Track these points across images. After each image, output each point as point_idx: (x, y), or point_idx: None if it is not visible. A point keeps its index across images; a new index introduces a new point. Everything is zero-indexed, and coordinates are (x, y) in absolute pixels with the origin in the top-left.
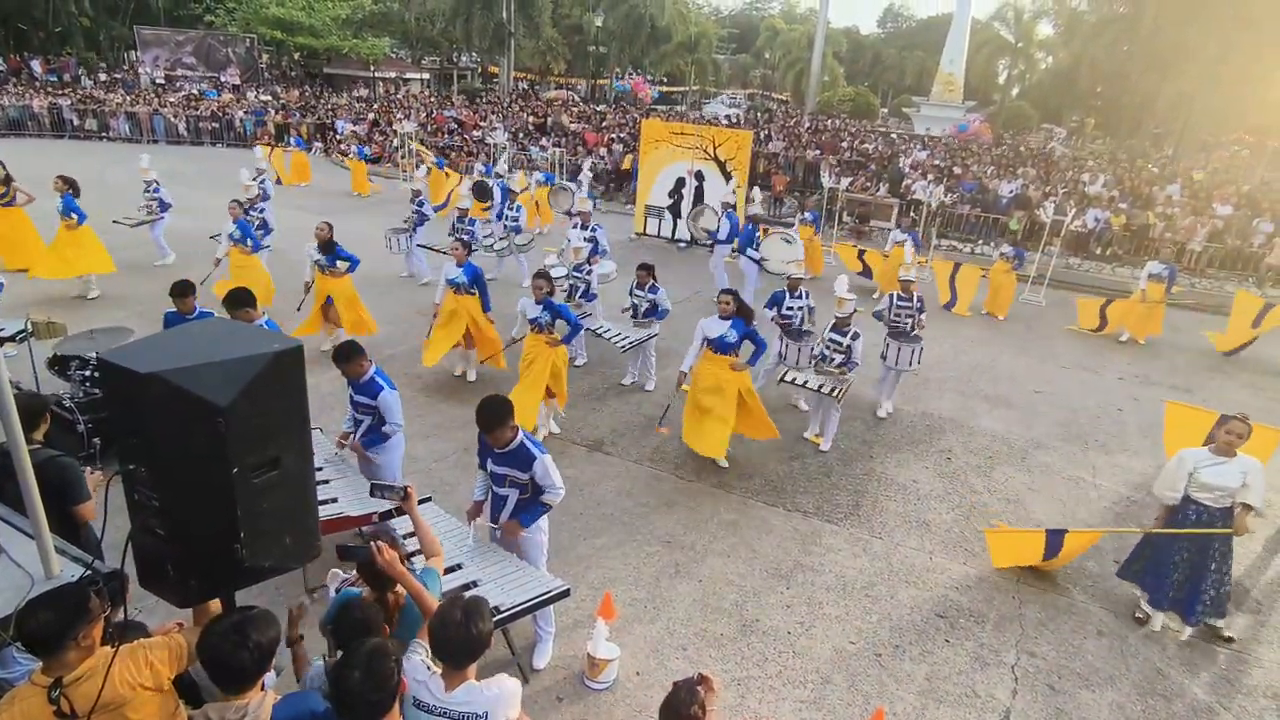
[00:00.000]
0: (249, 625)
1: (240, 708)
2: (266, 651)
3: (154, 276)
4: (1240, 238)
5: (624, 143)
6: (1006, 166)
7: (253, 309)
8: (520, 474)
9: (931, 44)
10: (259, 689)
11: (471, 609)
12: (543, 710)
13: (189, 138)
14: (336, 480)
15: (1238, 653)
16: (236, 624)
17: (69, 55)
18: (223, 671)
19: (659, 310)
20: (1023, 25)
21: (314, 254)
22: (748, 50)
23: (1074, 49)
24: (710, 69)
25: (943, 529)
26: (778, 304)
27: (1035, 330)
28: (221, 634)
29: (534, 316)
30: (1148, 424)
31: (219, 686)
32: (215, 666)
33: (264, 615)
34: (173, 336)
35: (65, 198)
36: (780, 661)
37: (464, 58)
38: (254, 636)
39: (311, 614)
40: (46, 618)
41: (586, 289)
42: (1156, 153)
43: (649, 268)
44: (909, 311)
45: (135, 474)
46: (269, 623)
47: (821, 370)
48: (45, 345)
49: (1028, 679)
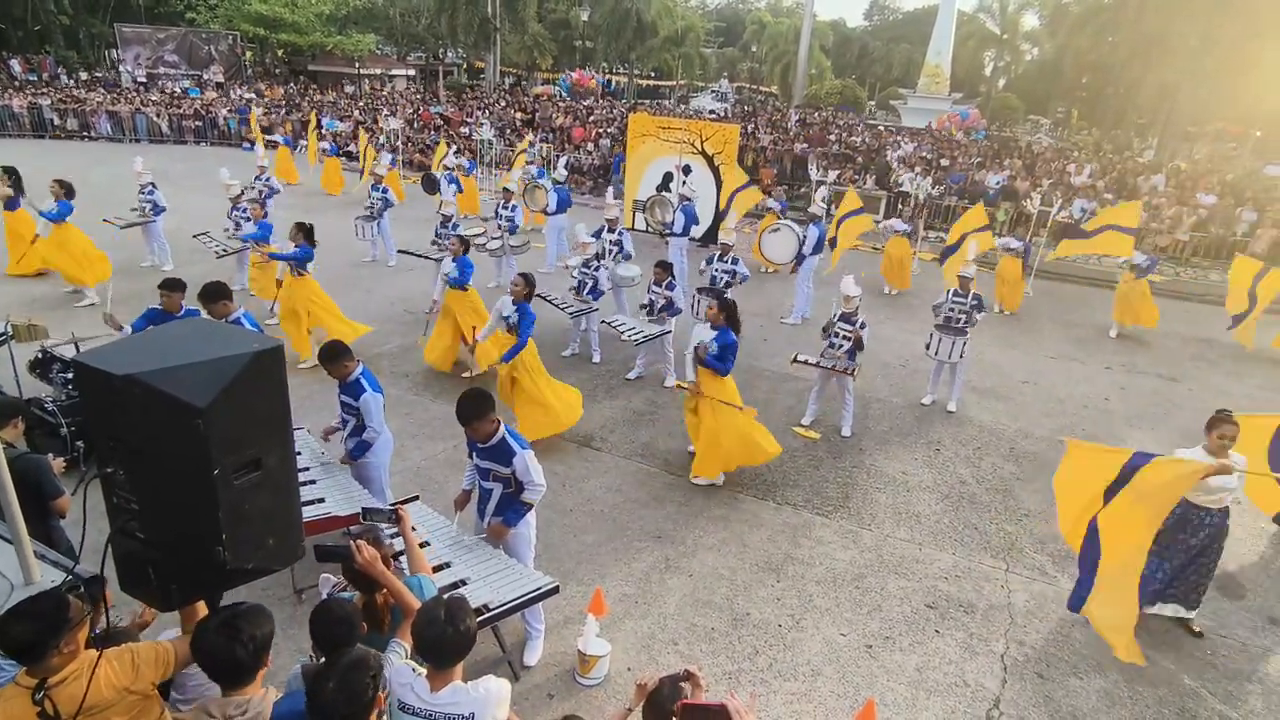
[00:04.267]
0: (242, 619)
1: (241, 704)
2: (262, 644)
3: (141, 277)
4: (1224, 226)
5: (612, 137)
6: (993, 158)
7: (229, 301)
8: (502, 468)
9: (918, 36)
10: (259, 684)
11: (454, 608)
12: (534, 707)
13: (172, 136)
14: (324, 480)
15: (1222, 638)
16: (229, 619)
17: (48, 54)
18: (220, 668)
19: (673, 307)
20: (1008, 17)
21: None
22: (734, 44)
23: (1059, 40)
24: (697, 63)
25: (932, 520)
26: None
27: (1023, 321)
28: (215, 630)
29: (506, 315)
30: (1135, 413)
31: (218, 683)
32: (211, 663)
33: (257, 609)
34: (151, 337)
35: (62, 204)
36: (771, 654)
37: (449, 53)
38: (248, 630)
39: (300, 615)
40: (26, 627)
41: (594, 285)
42: (1141, 143)
43: (667, 265)
44: (963, 307)
45: (114, 477)
46: (263, 616)
47: (829, 355)
48: (27, 348)
49: (1017, 668)
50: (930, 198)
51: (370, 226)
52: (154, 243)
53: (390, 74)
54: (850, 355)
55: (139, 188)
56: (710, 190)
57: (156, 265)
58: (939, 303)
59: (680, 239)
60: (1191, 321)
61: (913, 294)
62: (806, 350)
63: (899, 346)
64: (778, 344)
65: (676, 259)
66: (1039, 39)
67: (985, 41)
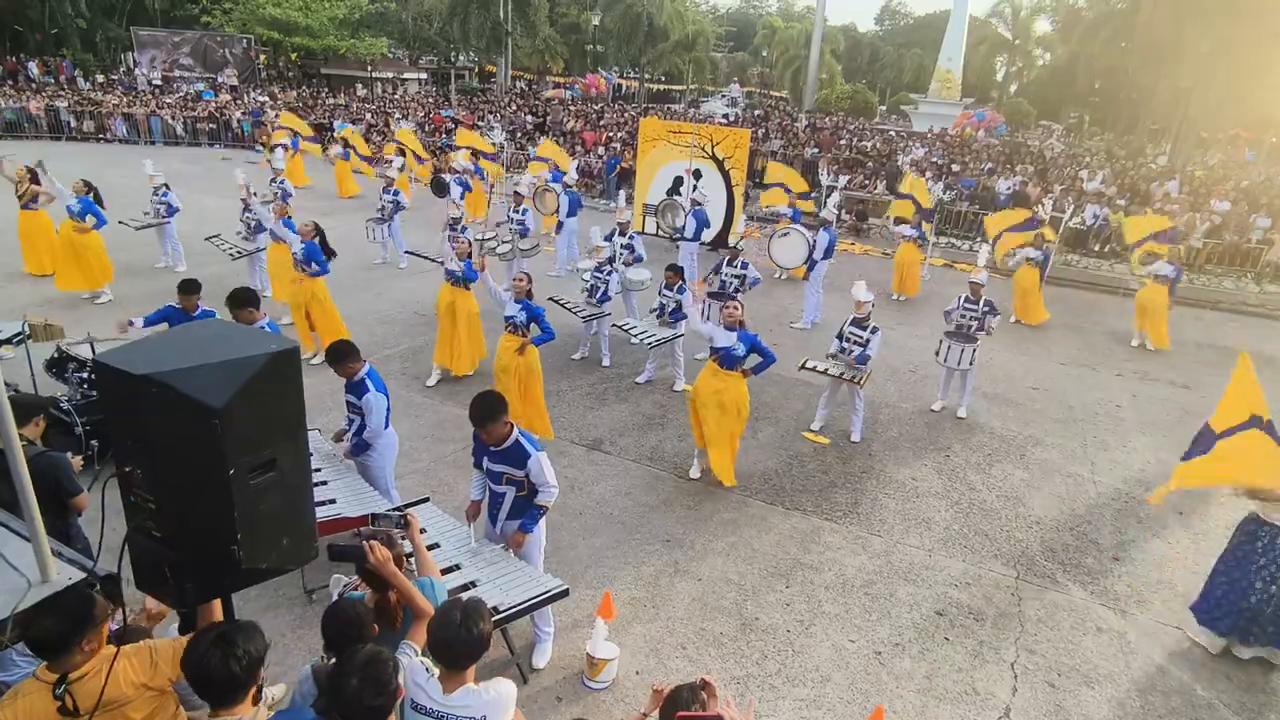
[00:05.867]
0: (235, 635)
1: None
2: (255, 661)
3: (155, 278)
4: (1238, 233)
5: (622, 141)
6: (1004, 163)
7: (255, 309)
8: (516, 471)
9: (929, 41)
10: (250, 703)
11: (471, 610)
12: (542, 710)
13: (186, 139)
14: (335, 481)
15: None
16: (221, 635)
17: (64, 57)
18: (210, 686)
19: (681, 312)
20: (1020, 22)
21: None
22: (745, 48)
23: (1071, 45)
24: (708, 67)
25: (942, 526)
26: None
27: (1034, 327)
28: (207, 647)
29: (510, 314)
30: (1146, 420)
31: (207, 702)
32: (201, 681)
33: (249, 625)
34: (169, 338)
35: (83, 200)
36: (780, 660)
37: (461, 57)
38: (241, 646)
39: (310, 615)
40: (53, 623)
41: (605, 290)
42: (1154, 149)
43: (678, 269)
44: (974, 314)
45: (131, 476)
46: (256, 631)
47: (838, 361)
48: (44, 347)
49: (1027, 676)
50: (941, 203)
51: (381, 229)
52: (168, 244)
53: (402, 77)
54: (861, 360)
55: (153, 190)
56: (721, 195)
57: (170, 266)
58: (950, 309)
59: (691, 244)
60: (1205, 329)
61: (923, 299)
62: (816, 355)
63: (909, 352)
64: (788, 349)
65: (687, 263)
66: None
67: (997, 46)
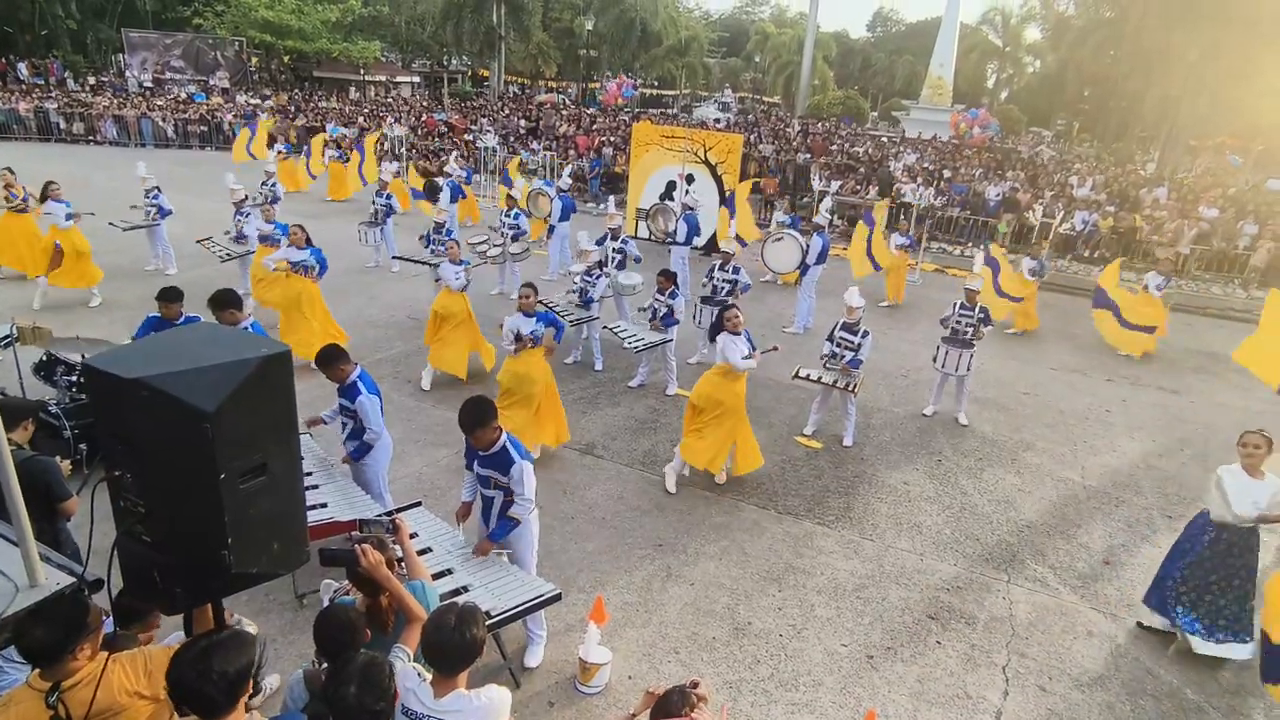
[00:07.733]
0: (213, 656)
1: None
2: (235, 680)
3: (146, 281)
4: (1226, 239)
5: (614, 146)
6: (994, 169)
7: (238, 310)
8: (502, 476)
9: (920, 48)
10: (240, 713)
11: (465, 615)
12: (534, 715)
13: (177, 141)
14: (326, 485)
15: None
16: (203, 651)
17: (54, 58)
18: (188, 704)
19: (672, 317)
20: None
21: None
22: (738, 54)
23: (1061, 53)
24: (701, 72)
25: (933, 530)
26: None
27: (1025, 333)
28: (187, 663)
29: (530, 330)
30: (1136, 425)
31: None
32: (183, 697)
33: (234, 639)
34: (159, 341)
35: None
36: (772, 664)
37: (454, 61)
38: (218, 667)
39: (301, 620)
40: (47, 630)
41: (589, 293)
42: (1143, 156)
43: (671, 274)
44: (970, 320)
45: (121, 480)
46: (240, 648)
47: (830, 367)
48: (31, 350)
49: (1018, 680)
50: (932, 209)
51: (373, 232)
52: (158, 246)
53: (395, 81)
54: (854, 364)
55: (144, 192)
56: (713, 199)
57: (160, 269)
58: (946, 315)
59: (682, 248)
60: (1194, 334)
61: (915, 305)
62: (808, 360)
63: (901, 357)
64: (780, 353)
65: (679, 268)
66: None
67: (988, 54)
